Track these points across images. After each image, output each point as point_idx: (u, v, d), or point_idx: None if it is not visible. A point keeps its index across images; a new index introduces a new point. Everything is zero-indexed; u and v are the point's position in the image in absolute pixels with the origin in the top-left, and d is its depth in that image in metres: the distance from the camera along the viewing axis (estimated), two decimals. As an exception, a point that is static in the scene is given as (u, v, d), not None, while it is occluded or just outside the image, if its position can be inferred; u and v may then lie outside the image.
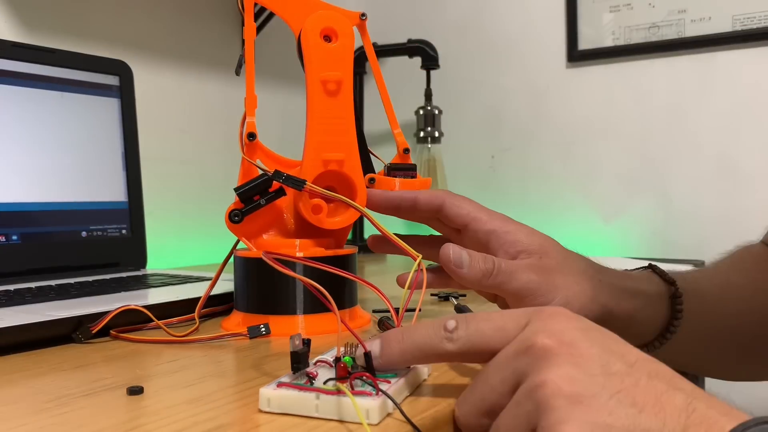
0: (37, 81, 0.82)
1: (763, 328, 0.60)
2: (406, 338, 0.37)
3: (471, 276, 0.49)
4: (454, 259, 0.49)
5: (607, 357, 0.31)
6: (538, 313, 0.34)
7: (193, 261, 1.20)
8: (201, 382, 0.43)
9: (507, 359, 0.33)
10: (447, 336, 0.35)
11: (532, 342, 0.32)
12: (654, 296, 0.55)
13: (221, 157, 1.27)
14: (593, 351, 0.31)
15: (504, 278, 0.49)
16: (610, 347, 0.32)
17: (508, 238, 0.52)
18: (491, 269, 0.49)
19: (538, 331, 0.33)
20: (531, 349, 0.32)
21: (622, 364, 0.31)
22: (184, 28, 1.24)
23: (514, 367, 0.33)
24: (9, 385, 0.43)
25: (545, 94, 1.43)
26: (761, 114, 1.24)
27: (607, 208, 1.37)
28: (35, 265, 0.79)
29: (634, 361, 0.31)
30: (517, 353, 0.33)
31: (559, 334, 0.32)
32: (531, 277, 0.49)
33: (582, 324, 0.34)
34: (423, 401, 0.39)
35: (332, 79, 0.58)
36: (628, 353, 0.32)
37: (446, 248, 0.50)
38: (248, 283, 0.58)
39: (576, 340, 0.32)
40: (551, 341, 0.32)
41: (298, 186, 0.55)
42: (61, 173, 0.84)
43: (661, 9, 1.31)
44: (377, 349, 0.38)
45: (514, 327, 0.34)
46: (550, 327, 0.33)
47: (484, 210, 0.54)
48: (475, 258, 0.49)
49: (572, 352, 0.31)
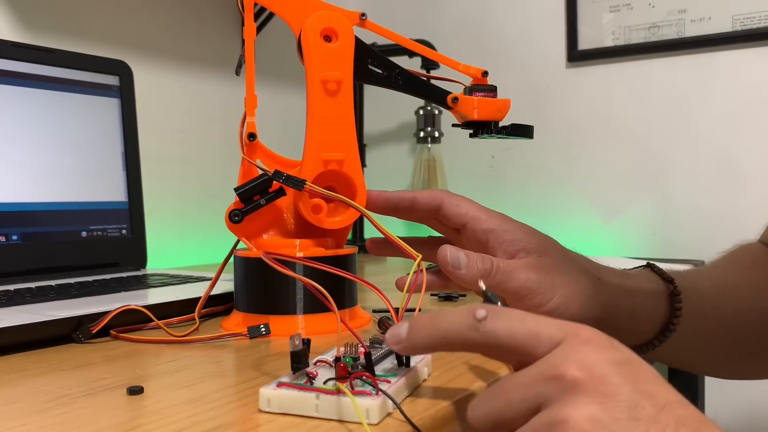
0: (37, 81, 0.83)
1: (761, 326, 0.60)
2: (433, 323, 0.35)
3: (469, 277, 0.49)
4: (451, 261, 0.49)
5: (637, 398, 0.30)
6: (573, 335, 0.33)
7: (193, 261, 1.20)
8: (201, 382, 0.43)
9: (533, 380, 0.32)
10: (474, 325, 0.34)
11: (562, 371, 0.31)
12: (653, 294, 0.55)
13: (221, 157, 1.27)
14: (623, 390, 0.30)
15: (503, 278, 0.49)
16: (641, 387, 0.30)
17: (506, 237, 0.52)
18: (489, 269, 0.49)
19: (571, 359, 0.31)
20: (560, 378, 0.31)
21: (651, 407, 0.30)
22: (184, 28, 1.24)
23: (538, 391, 0.31)
24: (9, 385, 0.43)
25: (545, 94, 1.43)
26: (761, 114, 1.24)
27: (607, 208, 1.37)
28: (35, 265, 0.79)
29: (664, 404, 0.30)
30: (545, 378, 0.31)
31: (591, 368, 0.31)
32: (530, 276, 0.49)
33: (616, 355, 0.32)
34: (423, 401, 0.39)
35: (332, 79, 0.58)
36: (657, 394, 0.30)
37: (443, 250, 0.50)
38: (248, 283, 0.58)
39: (607, 375, 0.30)
40: (582, 374, 0.30)
41: (298, 186, 0.55)
42: (61, 173, 0.84)
43: (661, 9, 1.31)
44: (404, 332, 0.36)
45: (547, 340, 0.33)
46: (583, 356, 0.31)
47: (483, 209, 0.54)
48: (473, 259, 0.49)
49: (601, 390, 0.30)
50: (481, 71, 0.65)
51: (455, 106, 0.61)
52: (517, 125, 0.65)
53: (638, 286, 0.55)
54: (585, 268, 0.52)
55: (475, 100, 0.62)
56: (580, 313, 0.49)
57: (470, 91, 0.63)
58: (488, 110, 0.63)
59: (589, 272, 0.52)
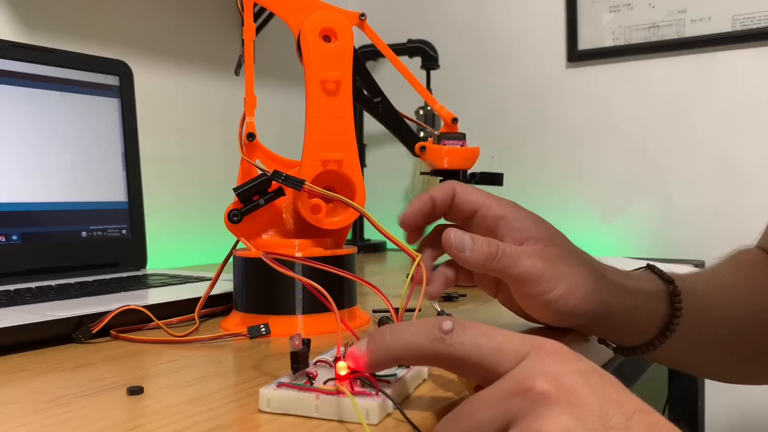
0: (37, 81, 0.83)
1: (760, 329, 0.60)
2: (394, 336, 0.35)
3: (474, 259, 0.48)
4: (455, 243, 0.48)
5: (607, 408, 0.30)
6: (538, 348, 0.32)
7: (193, 261, 1.20)
8: (201, 382, 0.43)
9: (500, 397, 0.31)
10: (440, 337, 0.33)
11: (529, 384, 0.30)
12: (653, 294, 0.55)
13: (221, 157, 1.27)
14: (592, 399, 0.30)
15: (508, 262, 0.49)
16: (609, 396, 0.30)
17: (516, 224, 0.51)
18: (495, 252, 0.48)
19: (537, 372, 0.31)
20: (528, 392, 0.30)
21: (621, 416, 0.30)
22: (184, 28, 1.24)
23: (506, 407, 0.31)
24: (9, 385, 0.43)
25: (545, 94, 1.43)
26: (761, 114, 1.24)
27: (607, 208, 1.38)
28: (35, 265, 0.79)
29: (633, 412, 0.30)
30: (512, 393, 0.31)
31: (559, 379, 0.30)
32: (536, 263, 0.49)
33: (582, 366, 0.32)
34: (423, 401, 0.39)
35: (331, 79, 0.58)
36: (626, 402, 0.30)
37: (448, 233, 0.49)
38: (248, 284, 0.58)
39: (576, 386, 0.30)
40: (550, 386, 0.30)
41: (297, 186, 0.55)
42: (61, 173, 0.84)
43: (661, 9, 1.31)
44: (363, 348, 0.35)
45: (513, 354, 0.32)
46: (549, 368, 0.31)
47: (493, 197, 0.54)
48: (478, 242, 0.49)
49: (571, 400, 0.30)
50: (452, 117, 0.64)
51: (422, 155, 0.61)
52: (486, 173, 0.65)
53: (639, 287, 0.55)
54: (590, 264, 0.52)
55: (444, 149, 0.62)
56: (581, 305, 0.49)
57: (439, 139, 0.63)
58: (458, 159, 0.63)
59: (593, 267, 0.52)
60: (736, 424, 1.25)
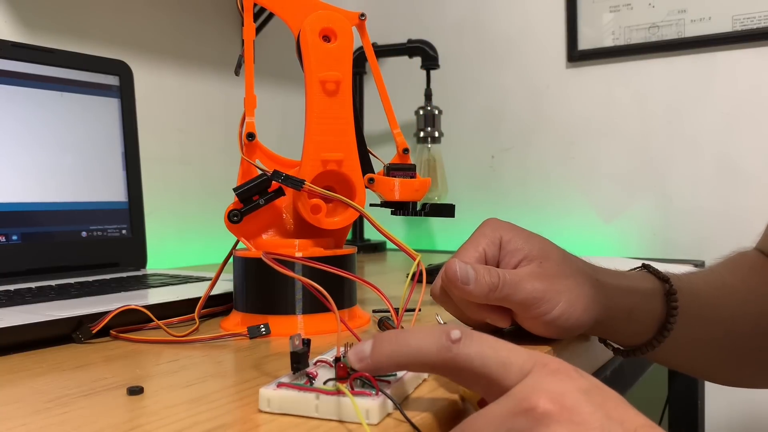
0: (37, 81, 0.83)
1: (756, 332, 0.60)
2: (400, 341, 0.35)
3: (478, 291, 0.48)
4: (461, 276, 0.48)
5: (609, 425, 0.30)
6: (542, 366, 0.33)
7: (193, 261, 1.20)
8: (201, 382, 0.43)
9: (503, 416, 0.31)
10: (447, 345, 0.33)
11: (533, 403, 0.30)
12: (649, 293, 0.55)
13: (221, 157, 1.27)
14: (595, 417, 0.30)
15: (510, 290, 0.48)
16: (611, 412, 0.31)
17: (509, 247, 0.51)
18: (497, 283, 0.48)
19: (539, 391, 0.31)
20: (531, 411, 0.30)
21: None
22: (184, 28, 1.24)
23: (509, 427, 0.31)
24: (9, 385, 0.43)
25: (545, 94, 1.43)
26: (761, 114, 1.24)
27: (607, 208, 1.37)
28: (35, 265, 0.79)
29: (634, 429, 0.30)
30: (515, 413, 0.31)
31: (561, 398, 0.31)
32: (535, 285, 0.49)
33: (584, 384, 0.32)
34: (423, 401, 0.39)
35: (331, 79, 0.58)
36: (627, 419, 0.31)
37: (452, 264, 0.48)
38: (248, 283, 0.58)
39: (578, 404, 0.31)
40: (553, 406, 0.30)
41: (297, 186, 0.55)
42: (61, 173, 0.84)
43: (661, 9, 1.31)
44: (367, 349, 0.35)
45: (517, 369, 0.33)
46: (551, 387, 0.31)
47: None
48: (480, 272, 0.48)
49: (573, 419, 0.30)
50: (404, 147, 0.64)
51: (371, 186, 0.61)
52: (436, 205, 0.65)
53: (634, 286, 0.55)
54: (584, 270, 0.52)
55: (394, 180, 0.62)
56: (583, 317, 0.49)
57: (389, 171, 0.63)
58: (407, 192, 0.62)
59: (588, 274, 0.52)
60: (736, 424, 1.25)
